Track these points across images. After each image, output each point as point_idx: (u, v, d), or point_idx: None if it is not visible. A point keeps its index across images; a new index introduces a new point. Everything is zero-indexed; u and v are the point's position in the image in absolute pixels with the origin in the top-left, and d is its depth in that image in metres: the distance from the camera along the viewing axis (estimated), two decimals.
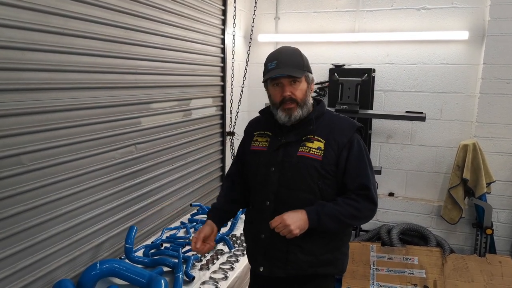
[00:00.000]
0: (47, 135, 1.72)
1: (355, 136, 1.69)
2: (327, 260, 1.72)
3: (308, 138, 1.68)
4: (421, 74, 3.79)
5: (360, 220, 1.74)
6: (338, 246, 1.76)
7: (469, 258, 3.46)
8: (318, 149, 1.65)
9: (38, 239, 1.72)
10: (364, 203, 1.66)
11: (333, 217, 1.61)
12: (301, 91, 1.66)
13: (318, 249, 1.69)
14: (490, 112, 3.55)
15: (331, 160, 1.65)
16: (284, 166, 1.68)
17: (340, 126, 1.71)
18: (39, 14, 1.62)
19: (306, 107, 1.68)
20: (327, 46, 4.04)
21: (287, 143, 1.69)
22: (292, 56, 1.69)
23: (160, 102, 2.53)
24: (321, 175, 1.65)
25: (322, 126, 1.70)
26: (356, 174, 1.67)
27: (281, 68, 1.64)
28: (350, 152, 1.66)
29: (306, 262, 1.68)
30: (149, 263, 2.05)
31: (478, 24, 3.57)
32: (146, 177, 2.43)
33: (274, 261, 1.71)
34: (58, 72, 1.74)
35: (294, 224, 1.55)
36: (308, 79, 1.69)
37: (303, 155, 1.66)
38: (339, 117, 1.78)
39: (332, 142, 1.66)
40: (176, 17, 2.63)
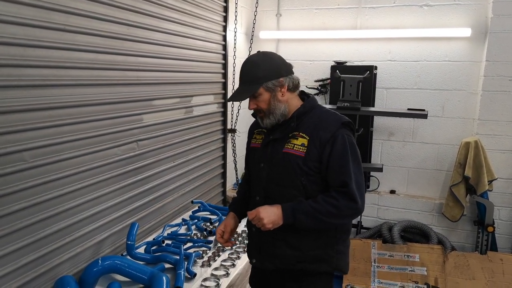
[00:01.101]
0: (49, 132, 1.72)
1: (340, 131, 1.67)
2: (317, 257, 1.72)
3: (294, 135, 1.70)
4: (423, 71, 3.78)
5: (340, 218, 1.67)
6: (331, 243, 1.74)
7: (470, 256, 3.46)
8: (302, 145, 1.67)
9: (41, 235, 1.72)
10: (344, 201, 1.62)
11: (310, 215, 1.61)
12: (264, 102, 1.69)
13: (305, 245, 1.70)
14: (492, 109, 3.54)
15: (314, 157, 1.65)
16: (272, 163, 1.72)
17: (325, 121, 1.69)
18: (41, 11, 1.62)
19: (275, 114, 1.69)
20: (328, 43, 4.03)
21: (274, 139, 1.73)
22: (249, 71, 1.69)
23: (162, 99, 2.53)
24: (303, 171, 1.66)
25: (308, 122, 1.71)
26: (337, 170, 1.64)
27: (240, 85, 1.71)
28: (333, 147, 1.64)
29: (294, 257, 1.71)
30: (151, 259, 2.06)
31: (481, 21, 3.55)
32: (148, 173, 2.43)
33: (264, 254, 1.77)
34: (59, 68, 1.74)
35: (267, 218, 1.60)
36: (269, 88, 1.67)
37: (288, 152, 1.68)
38: (327, 113, 1.75)
39: (316, 138, 1.66)
40: (177, 14, 2.62)
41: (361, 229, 3.94)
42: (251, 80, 1.67)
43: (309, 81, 4.10)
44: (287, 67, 1.72)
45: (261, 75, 1.66)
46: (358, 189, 1.64)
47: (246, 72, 1.70)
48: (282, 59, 1.74)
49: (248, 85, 1.68)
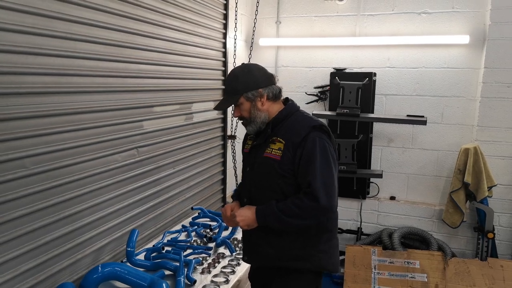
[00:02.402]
0: (49, 139, 1.73)
1: (311, 134, 1.74)
2: (297, 256, 1.80)
3: (273, 140, 1.81)
4: (422, 78, 3.80)
5: (303, 219, 1.72)
6: (312, 243, 1.82)
7: (471, 262, 3.45)
8: (279, 149, 1.78)
9: (41, 242, 1.72)
10: (307, 201, 1.69)
11: (276, 217, 1.71)
12: (245, 111, 1.82)
13: (285, 244, 1.80)
14: (491, 116, 3.56)
15: (288, 160, 1.75)
16: (254, 166, 1.86)
17: (297, 126, 1.80)
18: (42, 19, 1.64)
19: (256, 122, 1.82)
20: (328, 50, 4.05)
21: (257, 145, 1.86)
22: (229, 83, 1.85)
23: (162, 105, 2.54)
24: (279, 174, 1.76)
25: (285, 127, 1.81)
26: (305, 172, 1.72)
27: (224, 96, 1.89)
28: (304, 151, 1.73)
29: (274, 255, 1.81)
30: (151, 266, 2.06)
31: (479, 28, 3.58)
32: (148, 180, 2.43)
33: (251, 252, 1.92)
34: (61, 76, 1.75)
35: (242, 222, 1.77)
36: (249, 98, 1.80)
37: (267, 156, 1.80)
38: (302, 117, 1.86)
39: (289, 142, 1.76)
40: (178, 22, 2.64)
41: (361, 236, 3.94)
42: (232, 91, 1.82)
43: (308, 88, 4.12)
44: (267, 78, 1.84)
45: (240, 86, 1.80)
46: (324, 189, 1.69)
47: (229, 83, 1.86)
48: (263, 70, 1.86)
49: (230, 95, 1.83)
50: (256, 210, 1.76)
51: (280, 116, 1.83)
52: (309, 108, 4.13)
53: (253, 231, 1.81)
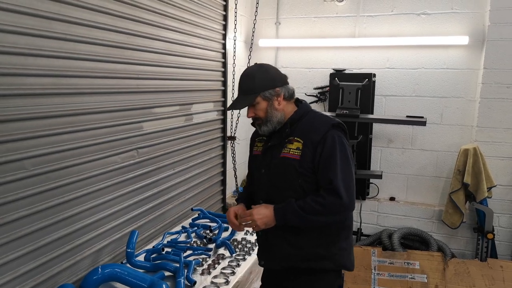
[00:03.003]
0: (49, 140, 1.73)
1: (330, 132, 1.74)
2: (320, 255, 1.78)
3: (289, 140, 1.79)
4: (422, 78, 3.80)
5: (326, 216, 1.71)
6: (333, 241, 1.80)
7: (471, 263, 3.45)
8: (297, 149, 1.76)
9: (41, 243, 1.72)
10: (329, 198, 1.68)
11: (298, 215, 1.69)
12: (261, 111, 1.79)
13: (307, 243, 1.78)
14: (490, 116, 3.56)
15: (308, 158, 1.73)
16: (271, 168, 1.82)
17: (316, 125, 1.79)
18: (42, 20, 1.64)
19: (272, 122, 1.80)
20: (327, 51, 4.06)
21: (273, 145, 1.83)
22: (245, 82, 1.81)
23: (161, 107, 2.54)
24: (299, 173, 1.74)
25: (301, 127, 1.80)
26: (325, 169, 1.71)
27: (238, 95, 1.82)
28: (324, 148, 1.72)
29: (296, 256, 1.78)
30: (151, 267, 2.06)
31: (478, 29, 3.58)
32: (147, 181, 2.43)
33: (269, 255, 1.88)
34: (60, 77, 1.75)
35: (260, 221, 1.72)
36: (266, 97, 1.78)
37: (285, 156, 1.78)
38: (319, 116, 1.86)
39: (308, 141, 1.75)
40: (177, 23, 2.64)
41: (361, 236, 3.94)
42: (249, 90, 1.79)
43: (308, 89, 4.12)
44: (282, 78, 1.83)
45: (258, 85, 1.78)
46: (344, 186, 1.69)
47: (244, 82, 1.82)
48: (278, 70, 1.85)
49: (246, 95, 1.79)
50: (275, 209, 1.73)
51: (296, 116, 1.83)
52: None
53: (270, 232, 1.79)
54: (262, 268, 1.97)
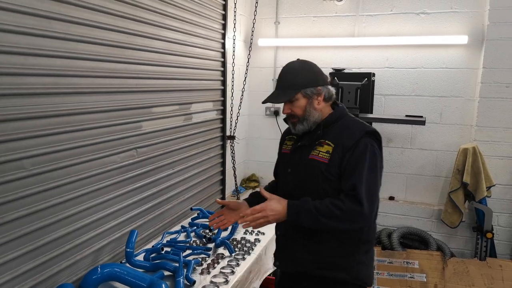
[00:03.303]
0: (49, 140, 1.72)
1: (364, 139, 1.68)
2: (336, 264, 1.72)
3: (320, 142, 1.74)
4: (421, 78, 3.81)
5: (342, 221, 1.63)
6: (352, 252, 1.74)
7: (470, 262, 3.46)
8: (327, 152, 1.71)
9: (40, 243, 1.72)
10: (349, 204, 1.60)
11: (312, 216, 1.62)
12: (299, 108, 1.74)
13: (324, 251, 1.73)
14: (489, 116, 3.57)
15: (336, 163, 1.68)
16: (298, 168, 1.78)
17: (350, 130, 1.73)
18: (42, 20, 1.64)
19: (308, 121, 1.75)
20: (327, 51, 4.06)
21: (302, 146, 1.79)
22: (287, 76, 1.76)
23: (161, 106, 2.54)
24: (325, 177, 1.69)
25: (334, 130, 1.75)
26: (350, 174, 1.65)
27: (278, 89, 1.77)
28: (353, 154, 1.67)
29: (312, 262, 1.75)
30: (150, 267, 2.06)
31: (477, 29, 3.59)
32: (147, 181, 2.43)
33: (285, 257, 1.85)
34: (60, 77, 1.75)
35: (273, 217, 1.67)
36: (307, 95, 1.73)
37: (313, 158, 1.73)
38: (354, 121, 1.79)
39: (339, 146, 1.69)
40: (177, 22, 2.64)
41: None
42: (290, 85, 1.74)
43: None
44: (324, 77, 1.78)
45: (300, 81, 1.73)
46: (367, 195, 1.61)
47: (286, 77, 1.76)
48: (320, 69, 1.80)
49: (286, 90, 1.74)
50: (289, 205, 1.67)
51: (330, 118, 1.77)
52: None
53: (289, 234, 1.76)
54: (260, 267, 1.97)
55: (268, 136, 4.40)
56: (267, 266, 2.42)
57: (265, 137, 4.43)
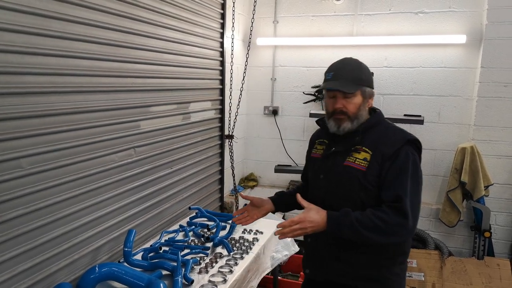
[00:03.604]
0: (46, 139, 1.72)
1: (404, 148, 1.65)
2: (371, 276, 1.68)
3: (356, 149, 1.68)
4: (419, 77, 3.81)
5: (386, 235, 1.56)
6: (388, 264, 1.70)
7: (468, 261, 3.46)
8: (364, 160, 1.65)
9: (38, 242, 1.72)
10: (394, 217, 1.54)
11: (354, 229, 1.55)
12: (354, 105, 1.68)
13: (359, 263, 1.68)
14: (487, 115, 3.57)
15: (374, 171, 1.63)
16: (331, 175, 1.72)
17: (390, 138, 1.68)
18: (38, 18, 1.63)
19: (358, 120, 1.69)
20: (325, 50, 4.06)
21: (336, 152, 1.73)
22: (350, 69, 1.70)
23: (159, 105, 2.54)
24: (362, 185, 1.64)
25: (372, 137, 1.69)
26: (392, 184, 1.60)
27: (336, 81, 1.67)
28: (393, 163, 1.61)
29: (346, 273, 1.69)
30: (148, 266, 2.05)
31: (476, 28, 3.59)
32: (145, 180, 2.43)
33: (316, 265, 1.79)
34: (57, 75, 1.75)
35: (312, 229, 1.58)
36: (364, 93, 1.70)
37: (349, 165, 1.67)
38: (393, 128, 1.75)
39: (378, 154, 1.64)
40: (175, 21, 2.64)
41: None
42: (353, 79, 1.67)
43: (306, 87, 4.12)
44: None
45: (364, 78, 1.70)
46: (412, 208, 1.56)
47: (348, 70, 1.70)
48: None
49: (347, 82, 1.66)
50: (328, 217, 1.58)
51: (369, 123, 1.71)
52: (306, 107, 4.14)
53: (321, 243, 1.68)
54: (258, 266, 1.96)
55: (266, 135, 4.40)
56: (265, 265, 2.42)
57: (263, 136, 4.43)
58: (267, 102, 4.32)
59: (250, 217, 1.95)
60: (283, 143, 4.33)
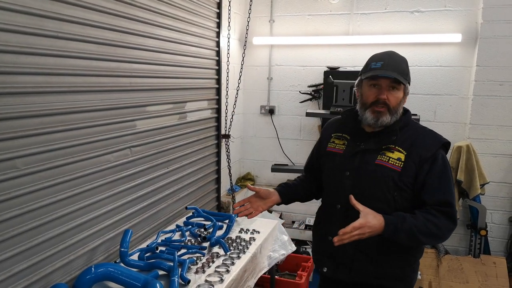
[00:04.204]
0: (41, 139, 1.71)
1: (440, 151, 1.66)
2: (396, 275, 1.69)
3: (389, 148, 1.66)
4: (415, 76, 3.81)
5: (437, 239, 1.63)
6: (410, 262, 1.73)
7: (464, 259, 3.48)
8: (398, 160, 1.63)
9: (33, 243, 1.71)
10: (445, 221, 1.58)
11: (411, 234, 1.55)
12: (396, 99, 1.65)
13: (387, 262, 1.68)
14: (483, 113, 3.58)
15: (410, 173, 1.62)
16: (360, 173, 1.68)
17: (425, 139, 1.67)
18: (33, 18, 1.62)
19: (395, 115, 1.67)
20: (321, 49, 4.06)
21: (366, 149, 1.69)
22: (399, 62, 1.68)
23: (155, 105, 2.53)
24: (398, 186, 1.63)
25: (404, 137, 1.68)
26: (438, 189, 1.61)
27: (387, 70, 1.63)
28: (433, 166, 1.62)
29: (372, 273, 1.69)
30: (144, 266, 2.05)
31: (471, 27, 3.60)
32: (141, 180, 2.42)
33: (339, 265, 1.75)
34: (53, 75, 1.74)
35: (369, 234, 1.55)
36: (406, 90, 1.68)
37: (381, 164, 1.64)
38: (425, 130, 1.74)
39: (414, 155, 1.63)
40: (171, 20, 2.63)
41: None
42: (402, 72, 1.64)
43: (302, 87, 4.12)
44: None
45: (408, 74, 1.68)
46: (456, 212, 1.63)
47: (397, 61, 1.67)
48: None
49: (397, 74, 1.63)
50: (386, 222, 1.55)
51: (402, 124, 1.70)
52: (303, 106, 4.14)
53: (349, 244, 1.58)
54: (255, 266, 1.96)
55: (263, 134, 4.40)
56: (262, 264, 2.42)
57: (260, 136, 4.42)
58: (263, 101, 4.32)
59: (255, 209, 1.90)
60: (280, 143, 4.33)
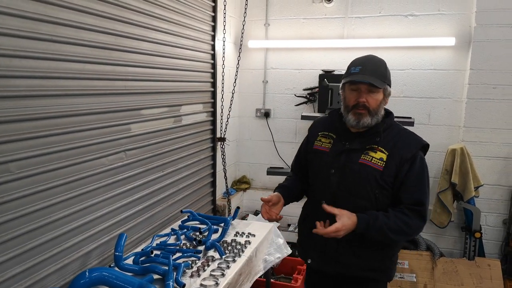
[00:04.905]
0: (35, 142, 1.70)
1: (419, 153, 1.74)
2: (378, 267, 1.80)
3: (372, 148, 1.75)
4: (409, 79, 3.84)
5: (406, 236, 1.73)
6: (390, 255, 1.83)
7: (459, 262, 3.49)
8: (380, 159, 1.71)
9: (27, 247, 1.70)
10: (415, 220, 1.68)
11: (382, 232, 1.66)
12: (376, 101, 1.74)
13: (370, 255, 1.78)
14: (477, 117, 3.61)
15: (391, 172, 1.71)
16: (345, 171, 1.76)
17: (406, 141, 1.76)
18: (27, 21, 1.62)
19: (376, 117, 1.76)
20: (316, 52, 4.07)
21: (351, 149, 1.77)
22: (377, 66, 1.76)
23: (150, 108, 2.53)
24: (379, 185, 1.71)
25: (387, 138, 1.76)
26: (414, 189, 1.70)
27: (364, 74, 1.71)
28: (412, 167, 1.70)
29: (357, 266, 1.78)
30: (139, 270, 2.04)
31: (465, 31, 3.63)
32: (136, 183, 2.42)
33: (325, 258, 1.84)
34: (47, 79, 1.73)
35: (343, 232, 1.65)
36: (386, 91, 1.76)
37: (365, 163, 1.73)
38: (406, 131, 1.83)
39: (396, 155, 1.71)
40: (166, 24, 2.63)
41: None
42: (379, 75, 1.73)
43: (297, 90, 4.13)
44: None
45: (387, 76, 1.77)
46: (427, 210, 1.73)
47: (375, 65, 1.76)
48: None
49: (375, 77, 1.72)
50: (359, 219, 1.67)
51: (386, 126, 1.79)
52: (298, 110, 4.15)
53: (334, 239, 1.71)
54: (251, 269, 1.96)
55: (258, 137, 4.40)
56: (257, 268, 2.41)
57: (255, 139, 4.42)
58: (259, 104, 4.32)
59: (276, 213, 1.95)
60: (275, 146, 4.33)
